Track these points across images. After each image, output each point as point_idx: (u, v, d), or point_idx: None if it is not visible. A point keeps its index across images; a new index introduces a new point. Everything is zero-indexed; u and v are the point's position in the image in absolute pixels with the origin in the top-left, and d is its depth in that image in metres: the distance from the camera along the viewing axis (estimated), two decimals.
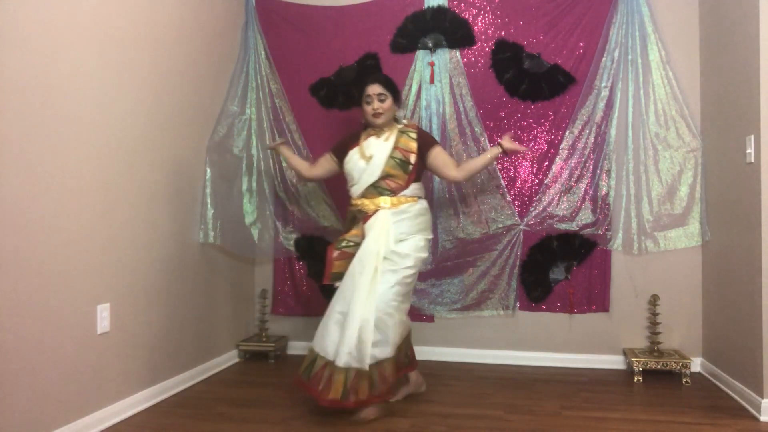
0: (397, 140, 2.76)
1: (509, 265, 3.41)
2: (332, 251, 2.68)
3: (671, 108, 3.24)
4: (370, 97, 2.77)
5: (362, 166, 2.75)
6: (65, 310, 2.23)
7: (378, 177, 2.70)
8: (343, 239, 2.72)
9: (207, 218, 3.17)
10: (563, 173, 3.35)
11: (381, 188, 2.71)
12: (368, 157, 2.73)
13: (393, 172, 2.71)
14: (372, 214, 2.69)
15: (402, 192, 2.72)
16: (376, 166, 2.71)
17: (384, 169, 2.70)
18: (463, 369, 3.33)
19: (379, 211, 2.67)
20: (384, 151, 2.73)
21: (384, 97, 2.76)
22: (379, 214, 2.67)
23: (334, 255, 2.67)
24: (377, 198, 2.71)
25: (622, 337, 3.35)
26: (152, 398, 2.73)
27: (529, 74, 3.37)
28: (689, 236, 3.24)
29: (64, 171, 2.22)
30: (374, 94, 2.76)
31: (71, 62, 2.25)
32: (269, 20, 3.69)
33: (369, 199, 2.72)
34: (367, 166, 2.73)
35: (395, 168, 2.71)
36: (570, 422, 2.50)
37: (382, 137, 2.78)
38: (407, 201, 2.72)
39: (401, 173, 2.71)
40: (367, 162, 2.73)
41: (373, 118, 2.77)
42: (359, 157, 2.76)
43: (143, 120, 2.68)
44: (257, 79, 3.65)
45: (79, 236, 2.30)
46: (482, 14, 3.46)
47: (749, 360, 2.62)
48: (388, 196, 2.70)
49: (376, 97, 2.76)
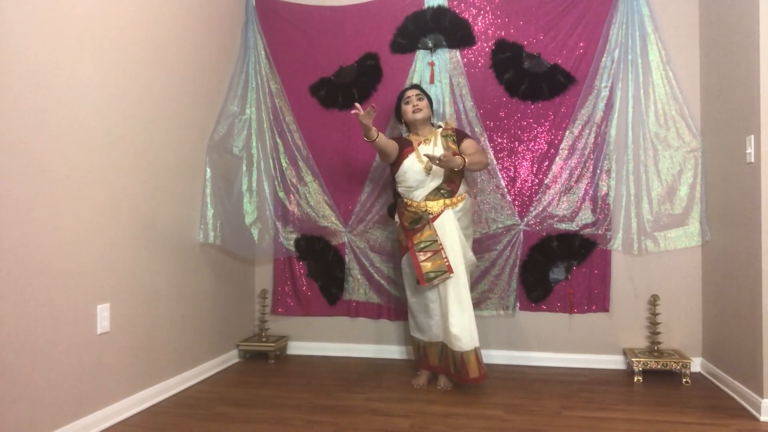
0: (444, 145, 3.04)
1: (509, 265, 3.41)
2: (416, 255, 2.91)
3: (671, 108, 3.24)
4: (409, 98, 3.09)
5: (422, 173, 2.99)
6: (65, 310, 2.23)
7: (441, 182, 2.98)
8: (420, 241, 2.93)
9: (207, 218, 3.17)
10: (563, 173, 3.35)
11: (442, 189, 2.99)
12: (429, 168, 2.97)
13: (452, 177, 3.00)
14: (438, 215, 2.95)
15: (458, 192, 3.02)
16: (437, 172, 2.98)
17: (446, 175, 2.98)
18: None
19: (445, 212, 2.96)
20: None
21: (421, 97, 3.10)
22: (446, 214, 2.96)
23: (421, 258, 2.89)
24: (440, 200, 2.99)
25: (622, 337, 3.35)
26: (152, 398, 2.73)
27: (529, 74, 3.37)
28: (689, 236, 3.24)
29: (64, 171, 2.22)
30: (413, 95, 3.10)
31: (71, 62, 2.25)
32: (269, 20, 3.69)
33: (432, 201, 2.99)
34: (429, 176, 2.98)
35: (452, 173, 2.98)
36: (570, 422, 2.50)
37: (430, 144, 3.06)
38: (461, 199, 3.02)
39: (456, 176, 3.01)
40: (428, 172, 2.98)
41: (413, 114, 3.07)
42: (418, 164, 3.00)
43: (143, 120, 2.68)
44: (257, 79, 3.65)
45: (79, 236, 2.30)
46: (482, 14, 3.46)
47: (749, 360, 2.62)
48: (449, 198, 2.99)
49: (415, 97, 3.08)
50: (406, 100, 3.10)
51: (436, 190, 2.99)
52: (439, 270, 2.87)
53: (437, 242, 2.91)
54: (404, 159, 3.04)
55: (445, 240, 2.92)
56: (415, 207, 3.01)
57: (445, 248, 2.90)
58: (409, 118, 3.10)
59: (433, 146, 3.04)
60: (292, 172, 3.65)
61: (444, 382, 2.99)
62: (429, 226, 2.95)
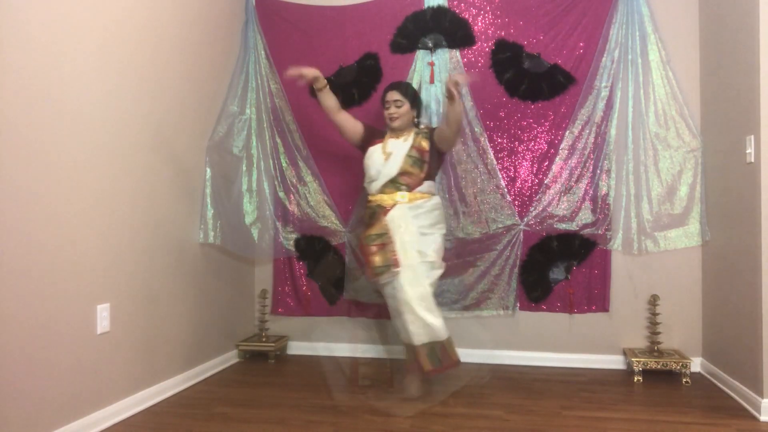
0: (414, 141, 2.96)
1: (509, 265, 3.41)
2: (366, 248, 2.85)
3: (671, 108, 3.24)
4: (388, 103, 3.00)
5: (381, 162, 2.94)
6: (65, 310, 2.23)
7: (396, 173, 2.89)
8: (369, 235, 2.87)
9: (207, 218, 3.17)
10: (563, 173, 3.35)
11: (398, 184, 2.91)
12: (388, 153, 2.94)
13: (409, 169, 2.90)
14: (390, 208, 2.88)
15: (417, 188, 2.91)
16: (395, 163, 2.90)
17: (401, 166, 2.89)
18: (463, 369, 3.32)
19: (397, 206, 2.87)
20: (402, 149, 2.93)
21: (400, 104, 2.98)
22: (398, 209, 2.86)
23: (371, 251, 2.83)
24: (395, 193, 2.90)
25: (622, 337, 3.35)
26: (152, 398, 2.73)
27: (529, 74, 3.37)
28: (689, 236, 3.24)
29: (64, 171, 2.22)
30: (391, 100, 2.99)
31: (71, 62, 2.25)
32: (269, 20, 3.69)
33: (387, 194, 2.91)
34: (386, 163, 2.92)
35: (411, 165, 2.90)
36: (570, 422, 2.50)
37: (401, 138, 2.99)
38: (422, 197, 2.91)
39: (416, 170, 2.91)
40: (387, 159, 2.93)
41: (389, 122, 3.01)
42: (380, 154, 2.97)
43: (143, 120, 2.68)
44: (257, 79, 3.65)
45: (79, 236, 2.30)
46: (482, 14, 3.46)
47: (749, 360, 2.62)
48: (405, 191, 2.90)
49: (393, 103, 2.99)
50: (386, 105, 3.02)
51: (392, 182, 2.91)
52: (387, 264, 2.79)
53: (387, 235, 2.83)
54: (370, 147, 3.02)
55: (396, 236, 2.82)
56: (371, 201, 2.98)
57: (396, 244, 2.81)
58: (387, 122, 3.05)
59: (403, 141, 2.97)
60: (291, 172, 3.65)
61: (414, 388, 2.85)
62: (379, 220, 2.88)
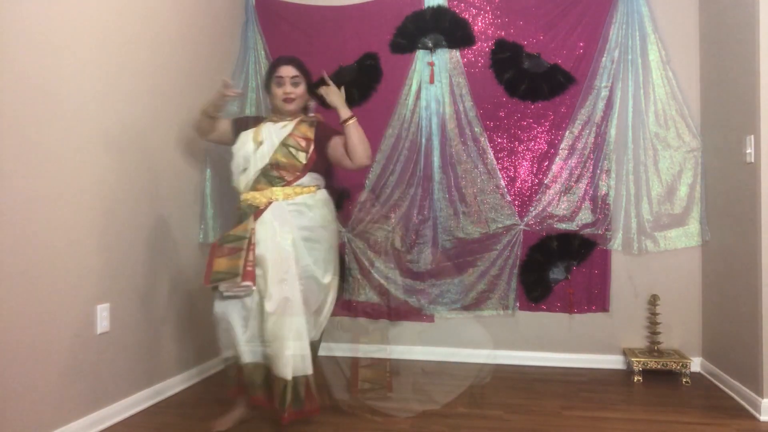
0: (295, 127, 2.48)
1: (509, 265, 3.41)
2: (215, 249, 2.32)
3: (671, 108, 3.24)
4: (282, 79, 2.51)
5: (250, 150, 2.44)
6: (65, 310, 2.23)
7: (267, 163, 2.42)
8: (228, 235, 2.36)
9: (207, 218, 3.17)
10: (563, 173, 3.35)
11: (273, 178, 2.42)
12: (259, 141, 2.45)
13: (285, 161, 2.42)
14: (264, 208, 2.38)
15: (298, 182, 2.44)
16: (266, 152, 2.42)
17: (274, 156, 2.42)
18: (463, 369, 3.33)
19: (272, 204, 2.38)
20: (277, 136, 2.46)
21: (298, 80, 2.52)
22: (272, 208, 2.37)
23: (218, 252, 2.31)
24: (268, 189, 2.41)
25: (622, 337, 3.35)
26: (152, 398, 2.73)
27: (528, 74, 3.37)
28: (689, 236, 3.24)
29: (63, 170, 2.22)
30: (287, 76, 2.50)
31: (70, 62, 2.25)
32: (269, 20, 3.69)
33: (260, 191, 2.41)
34: (255, 152, 2.43)
35: (288, 156, 2.42)
36: (569, 422, 2.50)
37: (279, 124, 2.51)
38: (304, 191, 2.44)
39: (295, 162, 2.43)
40: (257, 147, 2.44)
41: (283, 103, 2.51)
42: (250, 141, 2.47)
43: (143, 119, 2.68)
44: (257, 79, 3.65)
45: (79, 236, 2.30)
46: (482, 14, 3.46)
47: (749, 360, 2.63)
48: (280, 186, 2.41)
49: (290, 80, 2.50)
50: (278, 81, 2.51)
51: (265, 176, 2.41)
52: (231, 271, 2.26)
53: (246, 239, 2.29)
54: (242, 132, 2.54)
55: (267, 242, 2.31)
56: (241, 200, 2.47)
57: (261, 252, 2.29)
58: (278, 104, 2.52)
59: (282, 128, 2.49)
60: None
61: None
62: (247, 221, 2.35)
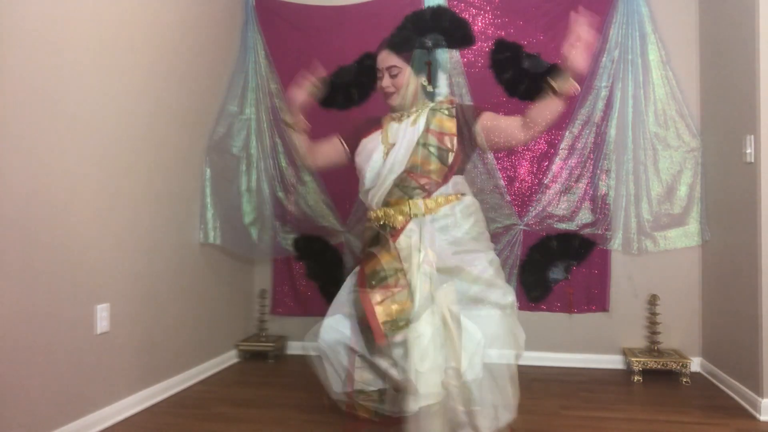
0: (429, 121, 2.04)
1: (508, 265, 3.41)
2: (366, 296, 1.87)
3: (671, 108, 3.24)
4: (380, 72, 2.12)
5: (378, 160, 2.04)
6: (65, 310, 2.23)
7: (403, 171, 1.99)
8: (373, 271, 1.92)
9: (207, 218, 3.17)
10: (563, 173, 3.35)
11: (410, 188, 2.00)
12: (390, 145, 2.04)
13: (426, 166, 1.99)
14: (402, 228, 1.96)
15: (439, 190, 2.02)
16: (400, 158, 1.99)
17: (412, 161, 1.98)
18: None
19: (411, 223, 1.96)
20: (411, 137, 2.03)
21: (396, 70, 2.08)
22: (412, 227, 1.95)
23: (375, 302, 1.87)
24: (406, 204, 1.99)
25: (622, 337, 3.35)
26: (152, 398, 2.73)
27: (528, 74, 3.37)
28: (688, 236, 3.24)
29: (63, 171, 2.22)
30: (383, 67, 2.11)
31: (70, 62, 2.25)
32: (269, 20, 3.69)
33: (395, 207, 2.01)
34: (386, 161, 2.02)
35: (429, 159, 1.98)
36: (569, 422, 2.50)
37: (407, 120, 2.08)
38: (448, 201, 2.02)
39: (438, 165, 1.99)
40: (387, 154, 2.02)
41: (384, 98, 2.15)
42: (379, 148, 2.07)
43: (143, 120, 2.68)
44: (257, 79, 3.65)
45: (79, 236, 2.29)
46: (482, 14, 3.46)
47: (748, 360, 2.63)
48: (420, 199, 1.99)
49: (387, 71, 2.10)
50: (378, 74, 2.13)
51: (400, 187, 2.00)
52: (401, 318, 1.83)
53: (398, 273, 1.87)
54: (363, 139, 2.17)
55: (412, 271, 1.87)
56: (371, 219, 2.09)
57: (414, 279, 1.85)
58: (383, 99, 2.17)
59: (411, 124, 2.05)
60: (291, 171, 3.65)
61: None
62: (386, 247, 1.93)
